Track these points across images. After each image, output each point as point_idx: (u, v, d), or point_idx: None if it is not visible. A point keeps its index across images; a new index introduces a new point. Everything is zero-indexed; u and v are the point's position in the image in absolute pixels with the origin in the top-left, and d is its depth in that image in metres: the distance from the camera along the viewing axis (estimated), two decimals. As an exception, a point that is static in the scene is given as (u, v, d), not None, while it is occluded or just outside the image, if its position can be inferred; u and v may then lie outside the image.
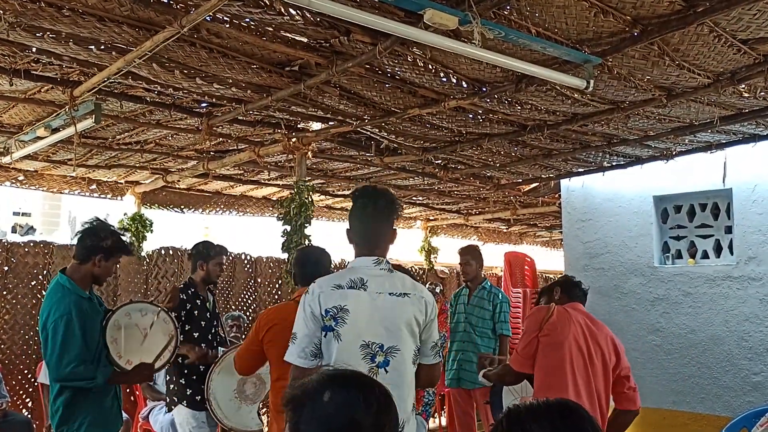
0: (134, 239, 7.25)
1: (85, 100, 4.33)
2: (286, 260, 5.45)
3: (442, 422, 8.03)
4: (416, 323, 2.63)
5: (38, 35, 3.44)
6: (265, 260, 8.38)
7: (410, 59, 3.70)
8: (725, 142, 5.23)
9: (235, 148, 5.99)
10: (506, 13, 3.06)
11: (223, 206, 8.22)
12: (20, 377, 6.37)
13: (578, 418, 1.38)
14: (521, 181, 7.33)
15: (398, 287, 2.64)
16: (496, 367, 3.95)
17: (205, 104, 4.80)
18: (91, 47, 3.61)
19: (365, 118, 4.81)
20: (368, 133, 5.39)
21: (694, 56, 3.50)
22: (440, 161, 6.57)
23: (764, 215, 5.29)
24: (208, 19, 3.25)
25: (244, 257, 8.21)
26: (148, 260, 7.37)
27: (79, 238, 3.71)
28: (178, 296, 4.47)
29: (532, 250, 11.90)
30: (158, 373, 5.68)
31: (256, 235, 10.47)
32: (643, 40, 3.24)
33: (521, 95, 4.18)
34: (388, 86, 4.19)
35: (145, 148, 5.96)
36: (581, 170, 6.32)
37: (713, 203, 5.74)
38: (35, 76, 4.11)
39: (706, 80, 3.81)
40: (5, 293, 6.39)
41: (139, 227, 7.25)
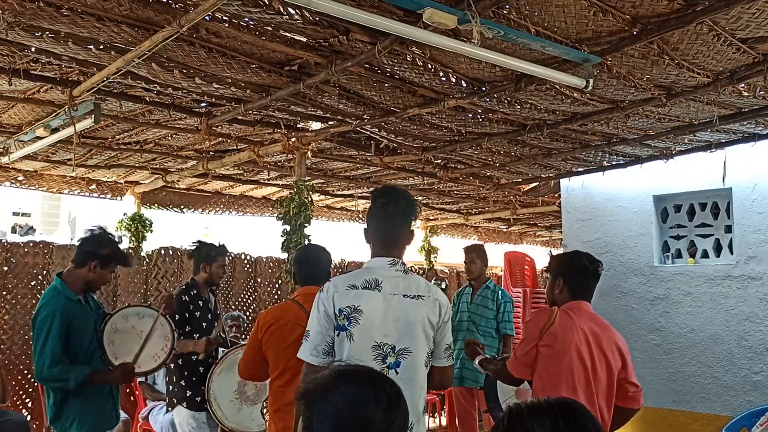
0: (134, 239, 7.27)
1: (84, 99, 4.33)
2: (285, 260, 5.45)
3: (442, 422, 8.03)
4: (430, 325, 2.63)
5: (37, 35, 3.44)
6: (264, 260, 8.38)
7: (409, 58, 3.70)
8: (725, 141, 5.22)
9: (234, 147, 5.99)
10: (505, 12, 3.06)
11: (222, 206, 8.22)
12: (20, 377, 6.37)
13: (580, 417, 1.37)
14: (521, 180, 7.33)
15: (413, 289, 2.64)
16: (491, 357, 3.83)
17: (204, 104, 4.80)
18: (90, 47, 3.61)
19: (365, 117, 4.81)
20: (368, 132, 5.39)
21: (693, 55, 3.50)
22: (440, 161, 6.56)
23: (764, 214, 5.29)
24: (207, 18, 3.25)
25: (243, 257, 8.22)
26: (147, 260, 7.37)
27: (79, 242, 3.86)
28: (174, 303, 4.41)
29: (532, 249, 11.90)
30: (158, 373, 5.72)
31: (255, 234, 10.47)
32: (642, 39, 3.23)
33: (521, 94, 4.17)
34: (387, 86, 4.18)
35: (144, 148, 5.96)
36: (581, 170, 6.32)
37: (713, 202, 5.74)
38: (34, 75, 4.11)
39: (705, 79, 3.80)
40: (5, 293, 6.39)
41: (138, 227, 7.26)
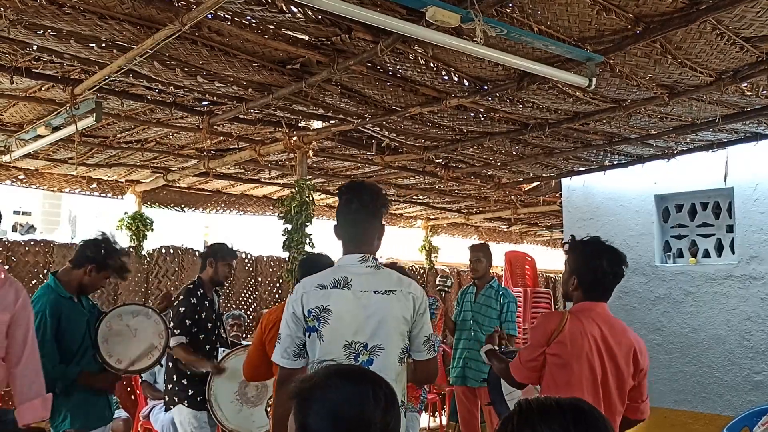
0: (135, 238, 7.27)
1: (85, 98, 4.33)
2: (286, 259, 5.44)
3: (442, 421, 8.03)
4: (403, 320, 2.57)
5: (39, 33, 3.44)
6: (265, 259, 8.38)
7: (412, 57, 3.69)
8: (727, 140, 5.22)
9: (235, 146, 5.98)
10: (508, 10, 3.06)
11: (223, 205, 8.22)
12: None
13: (592, 421, 1.32)
14: (522, 180, 7.33)
15: (384, 284, 2.59)
16: (499, 351, 3.59)
17: (205, 102, 4.79)
18: (92, 45, 3.60)
19: (366, 116, 4.80)
20: (369, 131, 5.39)
21: (696, 54, 3.49)
22: (441, 160, 6.56)
23: (766, 214, 5.28)
24: (209, 16, 3.25)
25: (244, 256, 8.21)
26: (148, 259, 7.37)
27: (81, 244, 3.91)
28: (170, 299, 4.48)
29: (532, 249, 11.89)
30: (159, 372, 5.71)
31: (256, 234, 10.47)
32: (645, 38, 3.22)
33: (523, 93, 4.17)
34: (389, 84, 4.18)
35: (145, 146, 5.95)
36: (582, 169, 6.31)
37: (714, 202, 5.73)
38: (36, 74, 4.10)
39: (708, 78, 3.80)
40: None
41: (139, 226, 7.27)
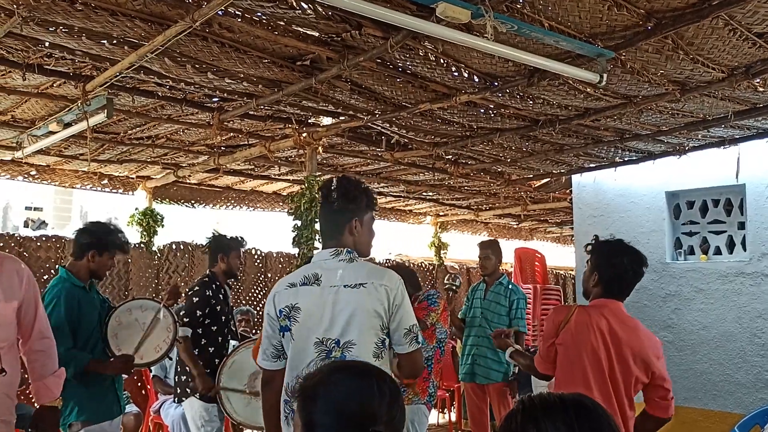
0: (145, 234, 7.31)
1: (97, 94, 4.36)
2: (296, 255, 5.45)
3: (452, 417, 8.04)
4: (375, 314, 2.47)
5: (51, 30, 3.46)
6: (275, 255, 8.40)
7: (422, 53, 3.69)
8: (739, 137, 5.18)
9: (245, 143, 6.00)
10: (519, 6, 3.05)
11: (233, 201, 8.25)
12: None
13: (595, 416, 1.31)
14: (532, 176, 7.31)
15: (354, 278, 2.51)
16: (529, 349, 3.68)
17: (216, 99, 4.81)
18: (103, 42, 3.63)
19: (376, 112, 4.80)
20: (379, 128, 5.39)
21: (708, 50, 3.47)
22: (451, 156, 6.55)
23: (778, 211, 5.25)
24: (220, 13, 3.26)
25: (254, 252, 8.24)
26: (159, 255, 7.41)
27: (74, 235, 3.94)
28: (178, 293, 4.44)
29: (542, 246, 11.86)
30: (170, 367, 5.75)
31: (266, 230, 10.50)
32: (657, 33, 3.21)
33: (533, 90, 4.15)
34: (399, 81, 4.18)
35: (156, 143, 5.99)
36: (593, 165, 6.29)
37: (726, 199, 5.69)
38: (48, 70, 4.13)
39: (720, 74, 3.77)
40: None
41: (150, 222, 7.31)
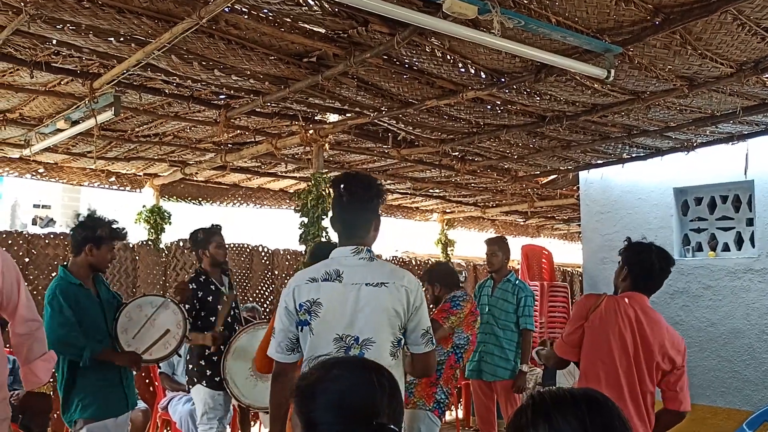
0: (153, 231, 7.33)
1: (104, 92, 4.37)
2: (303, 252, 5.46)
3: (459, 415, 8.03)
4: (395, 313, 2.53)
5: (58, 27, 3.47)
6: (282, 252, 8.41)
7: (428, 49, 3.68)
8: (747, 133, 5.16)
9: (252, 140, 6.00)
10: (526, 1, 3.03)
11: (240, 198, 8.26)
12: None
13: (606, 411, 1.30)
14: (539, 173, 7.29)
15: (376, 277, 2.55)
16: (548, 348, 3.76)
17: (223, 96, 4.82)
18: (110, 39, 3.63)
19: (382, 109, 4.80)
20: (385, 124, 5.38)
21: (716, 45, 3.45)
22: (457, 153, 6.54)
23: (787, 207, 5.22)
24: (226, 10, 3.26)
25: (261, 249, 8.25)
26: (166, 252, 7.43)
27: (70, 233, 3.97)
28: (187, 290, 4.55)
29: (549, 243, 11.83)
30: (178, 363, 5.77)
31: (273, 227, 10.52)
32: (664, 28, 3.19)
33: (540, 86, 4.14)
34: (405, 77, 4.17)
35: (163, 140, 6.00)
36: (600, 162, 6.27)
37: (734, 195, 5.67)
38: (55, 68, 4.15)
39: (728, 70, 3.75)
40: (26, 285, 6.44)
41: (157, 219, 7.33)
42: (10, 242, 6.44)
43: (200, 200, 7.95)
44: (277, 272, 8.35)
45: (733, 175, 5.48)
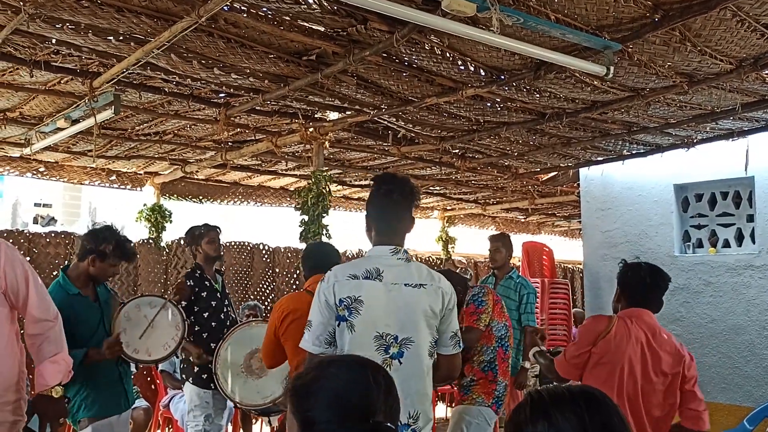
0: (154, 230, 7.34)
1: (104, 91, 4.37)
2: (304, 250, 5.46)
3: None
4: (432, 314, 2.60)
5: (58, 26, 3.47)
6: (283, 250, 8.41)
7: (428, 47, 3.68)
8: (747, 129, 5.15)
9: (252, 138, 6.00)
10: (525, -1, 3.04)
11: (241, 197, 8.26)
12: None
13: (605, 409, 1.31)
14: (539, 170, 7.28)
15: (414, 278, 2.61)
16: (553, 351, 3.75)
17: (222, 95, 4.82)
18: (109, 38, 3.63)
19: (382, 107, 4.80)
20: (385, 122, 5.38)
21: (716, 42, 3.44)
22: (458, 150, 6.54)
23: (787, 203, 5.22)
24: (225, 8, 3.26)
25: (262, 247, 8.25)
26: (167, 250, 7.44)
27: (82, 238, 4.00)
28: (185, 288, 4.58)
29: (550, 239, 11.82)
30: (179, 360, 5.78)
31: (274, 225, 10.52)
32: (664, 25, 3.19)
33: (540, 83, 4.14)
34: (405, 75, 4.17)
35: (163, 138, 6.00)
36: (600, 159, 6.26)
37: (735, 191, 5.67)
38: (55, 67, 4.14)
39: (728, 66, 3.75)
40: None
41: (158, 218, 7.33)
42: (11, 241, 6.42)
43: (201, 198, 7.95)
44: (278, 270, 8.36)
45: (733, 171, 5.48)
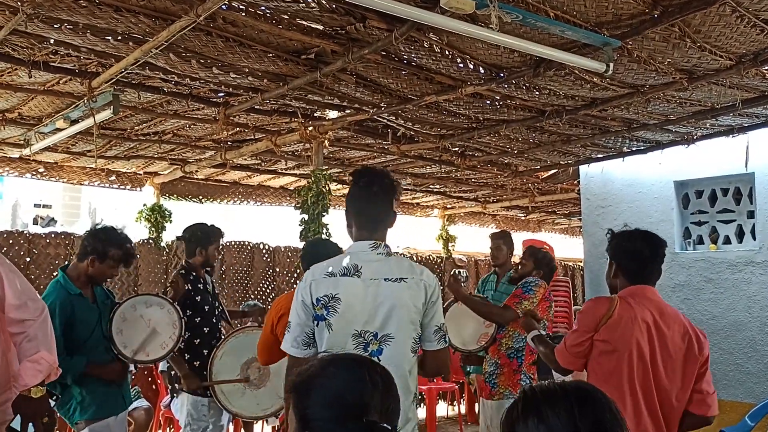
0: (153, 230, 7.34)
1: (103, 91, 4.37)
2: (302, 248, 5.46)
3: (461, 410, 8.05)
4: (414, 309, 2.51)
5: (56, 26, 3.47)
6: (283, 249, 8.41)
7: (426, 45, 3.68)
8: (747, 125, 5.15)
9: (252, 137, 5.99)
10: (524, -4, 3.03)
11: (241, 196, 8.26)
12: (44, 366, 6.45)
13: (598, 405, 1.31)
14: (539, 167, 7.27)
15: (395, 272, 2.52)
16: (552, 336, 3.47)
17: (221, 94, 4.81)
18: (108, 38, 3.63)
19: (382, 105, 4.79)
20: (385, 120, 5.37)
21: (715, 38, 3.44)
22: (457, 149, 6.53)
23: (788, 199, 5.21)
24: (223, 7, 3.25)
25: (262, 247, 8.25)
26: (167, 250, 7.43)
27: (83, 237, 3.94)
28: (181, 284, 4.38)
29: (550, 237, 11.82)
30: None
31: (274, 224, 10.52)
32: (663, 21, 3.18)
33: (539, 80, 4.13)
34: (404, 73, 4.16)
35: (163, 138, 5.99)
36: (600, 156, 6.26)
37: (735, 188, 5.66)
38: (53, 67, 4.14)
39: (728, 62, 3.74)
40: (24, 281, 6.45)
41: (158, 218, 7.33)
42: (11, 242, 6.46)
43: (201, 198, 7.96)
44: (278, 269, 8.35)
45: (733, 167, 5.47)
